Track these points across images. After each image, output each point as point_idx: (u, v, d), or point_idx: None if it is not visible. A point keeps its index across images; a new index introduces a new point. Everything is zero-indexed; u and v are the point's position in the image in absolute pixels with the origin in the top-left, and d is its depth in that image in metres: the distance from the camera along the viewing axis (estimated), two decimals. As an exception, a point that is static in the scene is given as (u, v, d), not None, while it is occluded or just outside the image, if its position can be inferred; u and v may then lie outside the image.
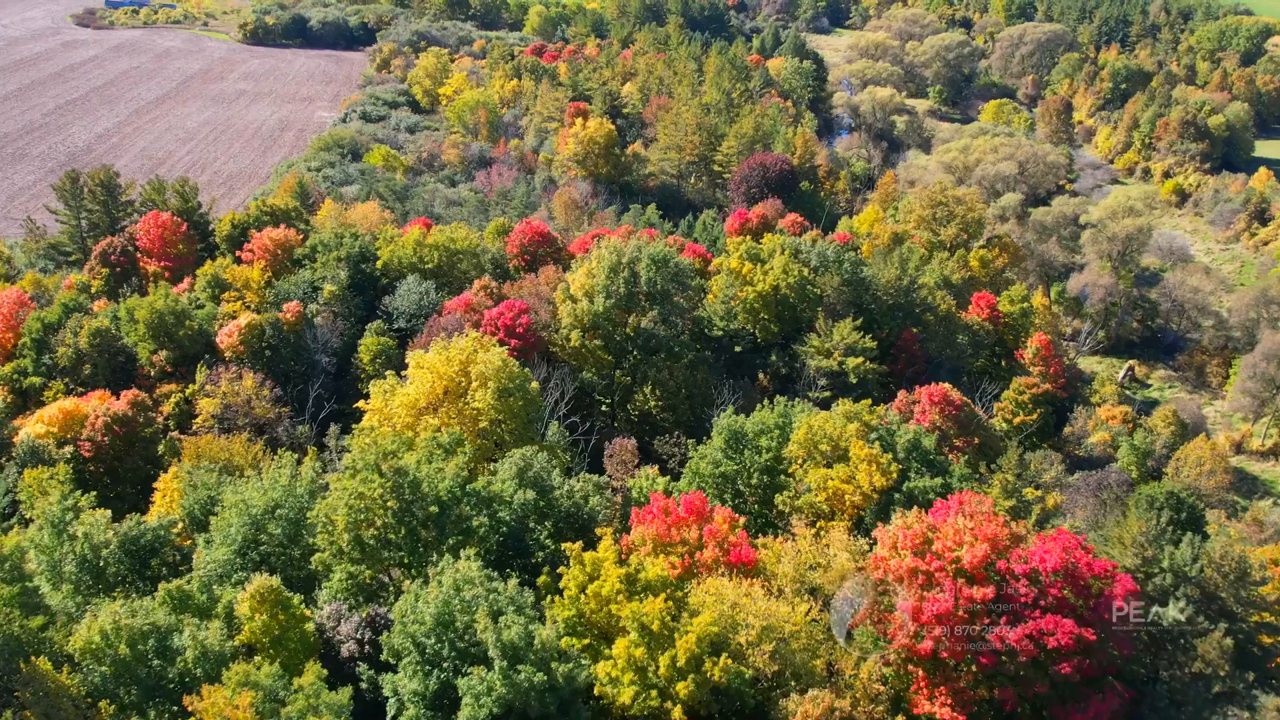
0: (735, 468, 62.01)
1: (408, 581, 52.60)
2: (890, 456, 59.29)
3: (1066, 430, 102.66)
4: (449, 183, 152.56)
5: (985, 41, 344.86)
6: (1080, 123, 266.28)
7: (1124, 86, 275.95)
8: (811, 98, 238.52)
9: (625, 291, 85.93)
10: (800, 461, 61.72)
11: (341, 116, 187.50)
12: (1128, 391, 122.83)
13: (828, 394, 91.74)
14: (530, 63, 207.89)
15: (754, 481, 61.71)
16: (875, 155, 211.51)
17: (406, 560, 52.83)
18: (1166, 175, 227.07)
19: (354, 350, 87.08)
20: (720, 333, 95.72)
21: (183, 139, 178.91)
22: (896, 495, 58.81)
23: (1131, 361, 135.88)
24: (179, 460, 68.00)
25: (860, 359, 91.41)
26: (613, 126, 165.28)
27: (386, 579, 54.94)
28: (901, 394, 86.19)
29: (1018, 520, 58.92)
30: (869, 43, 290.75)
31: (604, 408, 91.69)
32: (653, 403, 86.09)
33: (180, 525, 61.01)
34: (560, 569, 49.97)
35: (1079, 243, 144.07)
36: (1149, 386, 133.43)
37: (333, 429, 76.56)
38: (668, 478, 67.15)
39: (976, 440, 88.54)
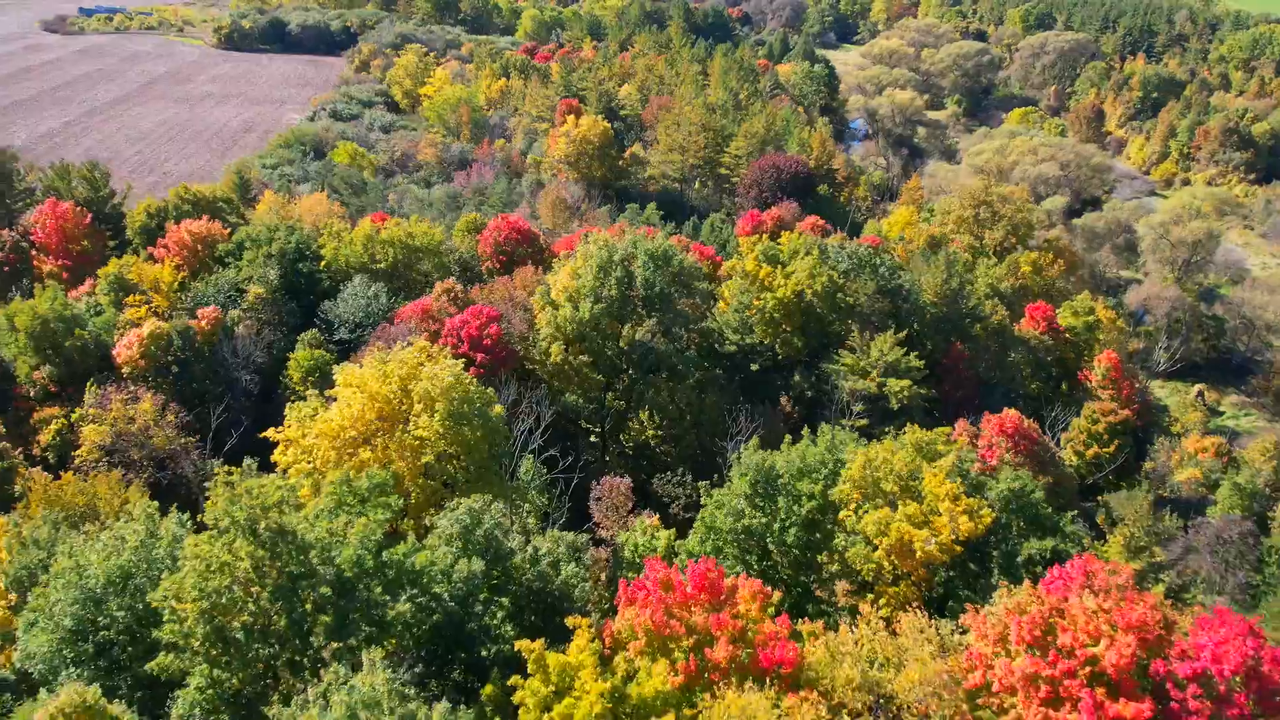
0: (764, 520, 46.30)
1: (300, 684, 37.04)
2: (982, 501, 43.69)
3: (1147, 466, 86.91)
4: (424, 184, 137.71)
5: (1003, 52, 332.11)
6: (1109, 133, 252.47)
7: (1155, 95, 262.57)
8: (823, 105, 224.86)
9: (617, 295, 70.63)
10: (854, 506, 46.11)
11: (309, 115, 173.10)
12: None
13: (864, 422, 76.47)
14: (520, 61, 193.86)
15: (790, 540, 45.98)
16: (895, 163, 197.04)
17: (296, 658, 37.12)
18: (1208, 186, 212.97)
19: (285, 366, 71.71)
20: (733, 348, 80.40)
21: (133, 139, 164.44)
22: (994, 555, 43.14)
23: (1200, 385, 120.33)
24: (24, 505, 52.38)
25: (905, 382, 75.90)
26: (608, 125, 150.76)
27: (270, 683, 39.14)
28: (962, 424, 70.68)
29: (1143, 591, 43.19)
30: (882, 50, 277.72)
31: (592, 438, 76.17)
32: (651, 432, 70.67)
33: (3, 600, 45.40)
34: (514, 680, 34.33)
35: (1137, 251, 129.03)
36: (1221, 413, 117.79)
37: (248, 464, 61.08)
38: (671, 531, 51.57)
39: (1050, 479, 72.86)
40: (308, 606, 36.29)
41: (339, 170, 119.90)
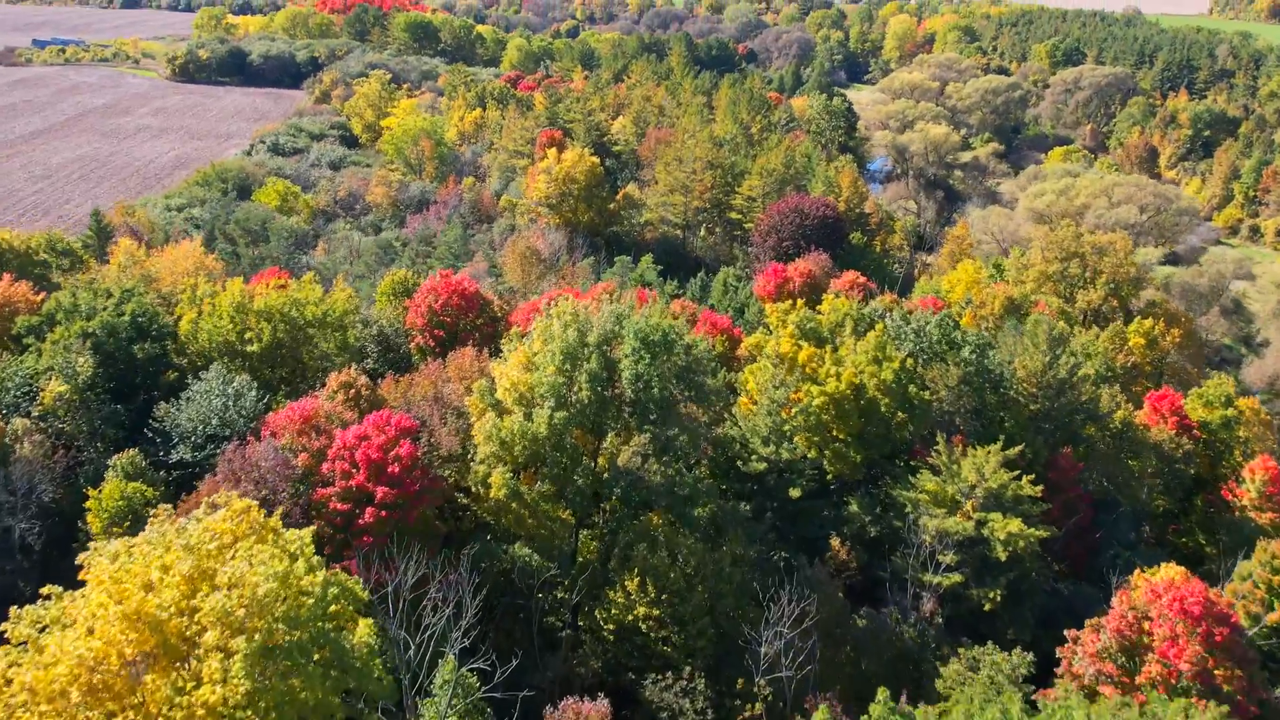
0: None
1: None
2: None
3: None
4: (373, 229, 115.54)
5: (1031, 88, 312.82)
6: (1160, 174, 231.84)
7: (1206, 134, 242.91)
8: (840, 143, 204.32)
9: (592, 398, 47.68)
10: None
11: (246, 149, 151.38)
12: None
13: (957, 579, 53.29)
14: (498, 89, 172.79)
15: None
16: (929, 207, 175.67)
17: None
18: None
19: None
20: (762, 465, 56.89)
21: (38, 177, 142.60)
22: None
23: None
24: None
25: (1016, 522, 52.60)
26: (596, 161, 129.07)
27: None
28: (1123, 600, 47.01)
29: None
30: (903, 84, 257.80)
31: (557, 593, 52.47)
32: (642, 609, 47.16)
33: None
34: None
35: (1244, 315, 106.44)
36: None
37: None
38: None
39: (1239, 673, 49.30)
40: None
41: (241, 211, 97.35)
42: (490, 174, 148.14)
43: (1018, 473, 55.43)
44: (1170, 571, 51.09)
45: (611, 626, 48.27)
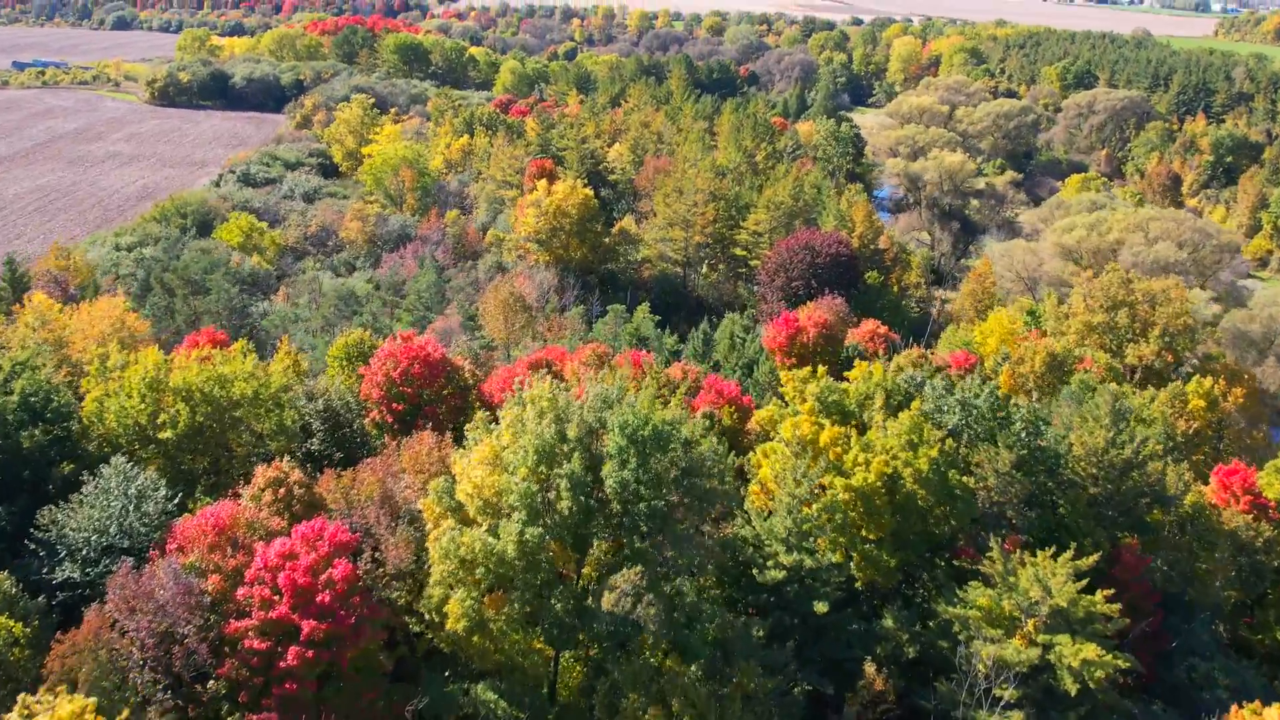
0: None
1: None
2: None
3: None
4: (345, 269, 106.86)
5: (1044, 112, 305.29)
6: (1181, 203, 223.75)
7: (1228, 159, 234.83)
8: (848, 170, 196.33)
9: (573, 510, 38.72)
10: None
11: (215, 180, 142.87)
12: None
13: (1017, 718, 44.06)
14: (488, 115, 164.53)
15: None
16: (944, 239, 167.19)
17: None
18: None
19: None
20: (780, 573, 47.68)
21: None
22: None
23: None
24: None
25: (1091, 647, 43.50)
26: (590, 192, 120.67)
27: None
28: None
29: None
30: (912, 108, 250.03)
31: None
32: (635, 777, 38.00)
33: None
34: None
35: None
36: None
37: None
38: None
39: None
40: None
41: (185, 257, 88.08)
42: (477, 206, 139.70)
43: (1087, 581, 46.39)
44: (1283, 716, 42.03)
45: (596, 794, 39.14)
